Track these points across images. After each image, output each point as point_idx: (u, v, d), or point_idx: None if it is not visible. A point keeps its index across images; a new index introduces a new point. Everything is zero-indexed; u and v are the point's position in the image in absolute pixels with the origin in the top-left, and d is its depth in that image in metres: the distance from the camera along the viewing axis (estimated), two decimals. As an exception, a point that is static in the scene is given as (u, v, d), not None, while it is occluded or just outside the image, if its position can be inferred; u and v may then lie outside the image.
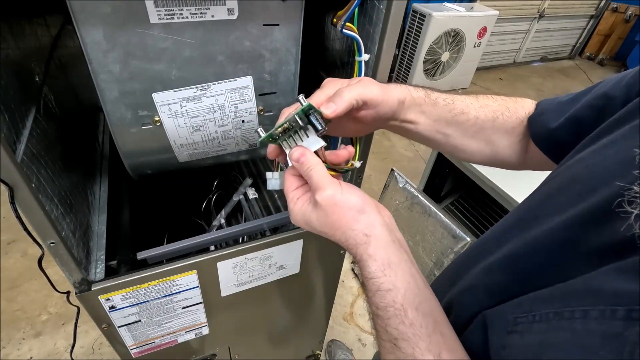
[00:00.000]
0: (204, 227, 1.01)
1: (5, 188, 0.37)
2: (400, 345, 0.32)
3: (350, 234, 0.36)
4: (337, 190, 0.36)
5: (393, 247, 0.36)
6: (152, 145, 0.55)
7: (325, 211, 0.36)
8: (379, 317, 0.34)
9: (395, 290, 0.33)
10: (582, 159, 0.33)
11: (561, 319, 0.25)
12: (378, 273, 0.34)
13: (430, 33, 2.72)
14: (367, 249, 0.35)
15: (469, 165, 1.20)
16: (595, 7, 3.98)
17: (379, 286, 0.34)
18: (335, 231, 0.37)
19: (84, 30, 0.42)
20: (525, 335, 0.27)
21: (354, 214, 0.36)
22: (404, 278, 0.34)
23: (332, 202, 0.36)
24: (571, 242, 0.29)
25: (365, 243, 0.35)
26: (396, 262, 0.35)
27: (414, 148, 2.54)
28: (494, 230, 0.40)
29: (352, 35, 0.45)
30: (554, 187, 0.35)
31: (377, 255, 0.35)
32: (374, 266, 0.34)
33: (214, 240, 0.64)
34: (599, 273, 0.25)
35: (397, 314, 0.33)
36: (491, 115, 0.45)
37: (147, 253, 0.58)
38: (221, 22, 0.46)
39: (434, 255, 1.21)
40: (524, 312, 0.28)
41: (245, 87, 0.53)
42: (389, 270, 0.34)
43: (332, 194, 0.36)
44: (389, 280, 0.34)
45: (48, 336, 1.37)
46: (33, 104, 0.51)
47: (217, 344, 0.80)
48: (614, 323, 0.22)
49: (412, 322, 0.32)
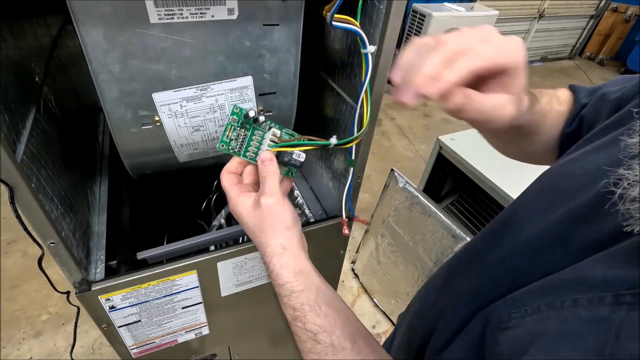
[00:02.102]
0: (204, 227, 1.01)
1: (5, 188, 0.37)
2: (319, 339, 0.36)
3: (272, 242, 0.41)
4: (279, 202, 0.41)
5: (304, 262, 0.41)
6: (152, 145, 0.55)
7: (262, 214, 0.41)
8: (298, 318, 0.37)
9: (307, 290, 0.38)
10: (573, 160, 0.34)
11: (552, 309, 0.25)
12: (290, 278, 0.39)
13: (430, 33, 2.72)
14: (281, 259, 0.40)
15: (469, 165, 1.20)
16: (595, 7, 3.98)
17: (293, 288, 0.38)
18: (262, 234, 0.41)
19: (84, 30, 0.42)
20: (517, 329, 0.27)
21: (282, 227, 0.41)
22: (314, 282, 0.39)
23: (271, 209, 0.41)
24: (561, 238, 0.29)
25: (281, 254, 0.40)
26: (307, 271, 0.40)
27: (414, 148, 2.55)
28: (485, 231, 0.40)
29: (350, 28, 0.43)
30: (545, 187, 0.36)
31: (290, 265, 0.40)
32: (286, 273, 0.39)
33: (214, 240, 0.64)
34: (587, 263, 0.26)
35: (312, 309, 0.37)
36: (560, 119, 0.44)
37: (147, 253, 0.58)
38: (221, 22, 0.46)
39: (434, 255, 1.21)
40: (517, 308, 0.28)
41: (245, 87, 0.53)
42: (300, 275, 0.39)
43: (273, 203, 0.41)
44: (302, 282, 0.38)
45: (48, 336, 1.37)
46: (33, 104, 0.51)
47: (217, 344, 0.80)
48: (602, 308, 0.22)
49: (326, 314, 0.37)
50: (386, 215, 1.36)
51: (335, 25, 0.42)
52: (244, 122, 0.46)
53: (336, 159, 0.68)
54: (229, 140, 0.46)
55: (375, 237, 1.45)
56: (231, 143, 0.46)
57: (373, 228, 1.46)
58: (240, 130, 0.46)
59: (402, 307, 1.41)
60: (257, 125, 0.47)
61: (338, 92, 0.61)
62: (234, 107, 0.46)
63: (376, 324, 1.53)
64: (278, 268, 0.40)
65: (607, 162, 0.28)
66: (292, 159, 0.45)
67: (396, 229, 1.34)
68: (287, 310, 0.39)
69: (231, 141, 0.46)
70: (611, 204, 0.26)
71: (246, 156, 0.46)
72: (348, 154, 0.53)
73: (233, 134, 0.46)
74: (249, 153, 0.46)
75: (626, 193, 0.25)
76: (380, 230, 1.42)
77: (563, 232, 0.29)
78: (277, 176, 0.43)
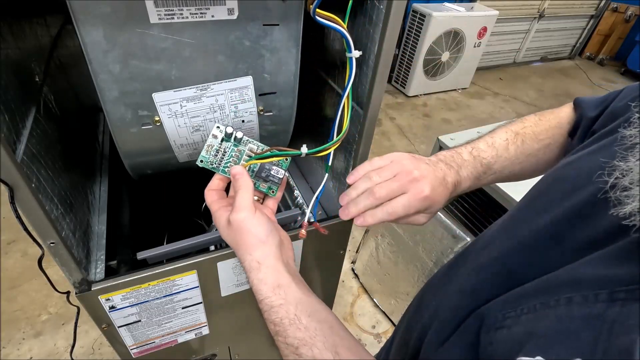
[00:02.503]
0: (204, 227, 1.01)
1: (5, 188, 0.37)
2: (300, 352, 0.35)
3: (246, 257, 0.40)
4: (248, 215, 0.40)
5: (283, 274, 0.40)
6: (152, 145, 0.55)
7: (233, 230, 0.41)
8: (278, 333, 0.37)
9: (286, 304, 0.37)
10: (570, 162, 0.34)
11: (546, 308, 0.25)
12: (269, 293, 0.38)
13: (430, 33, 2.72)
14: (258, 274, 0.39)
15: (469, 165, 1.20)
16: (595, 7, 3.98)
17: (272, 303, 0.38)
18: (237, 250, 0.41)
19: (84, 30, 0.42)
20: (512, 328, 0.27)
21: (255, 242, 0.40)
22: (294, 295, 0.38)
23: (240, 225, 0.40)
24: (557, 237, 0.29)
25: (257, 269, 0.39)
26: (286, 284, 0.39)
27: (414, 148, 2.55)
28: (485, 233, 0.40)
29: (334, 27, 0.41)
30: (542, 188, 0.36)
31: (267, 279, 0.39)
32: (264, 288, 0.39)
33: (214, 240, 0.64)
34: (583, 262, 0.26)
35: (292, 322, 0.36)
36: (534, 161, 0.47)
37: (147, 253, 0.58)
38: (221, 22, 0.46)
39: (434, 255, 1.21)
40: (513, 308, 0.28)
41: (245, 87, 0.53)
42: (279, 289, 0.38)
43: (242, 218, 0.40)
44: (280, 297, 0.38)
45: (48, 336, 1.37)
46: (33, 104, 0.51)
47: (217, 344, 0.80)
48: (596, 306, 0.23)
49: (306, 327, 0.36)
50: (386, 215, 1.37)
51: (318, 21, 0.41)
52: (224, 138, 0.47)
53: (336, 159, 0.68)
54: (208, 156, 0.46)
55: (375, 237, 1.45)
56: (210, 159, 0.46)
57: (373, 228, 1.46)
58: (220, 146, 0.46)
59: (402, 307, 1.41)
60: (236, 142, 0.47)
61: (338, 92, 0.61)
62: (216, 125, 0.47)
63: (376, 324, 1.53)
64: (256, 284, 0.39)
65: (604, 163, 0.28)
66: (271, 174, 0.45)
67: (396, 229, 1.34)
68: (269, 325, 0.39)
69: (210, 157, 0.46)
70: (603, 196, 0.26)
71: (225, 172, 0.46)
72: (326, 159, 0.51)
73: (212, 150, 0.46)
74: (228, 169, 0.46)
75: (618, 183, 0.25)
76: (380, 230, 1.42)
77: (558, 231, 0.29)
78: (248, 190, 0.42)
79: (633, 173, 0.24)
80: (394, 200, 0.41)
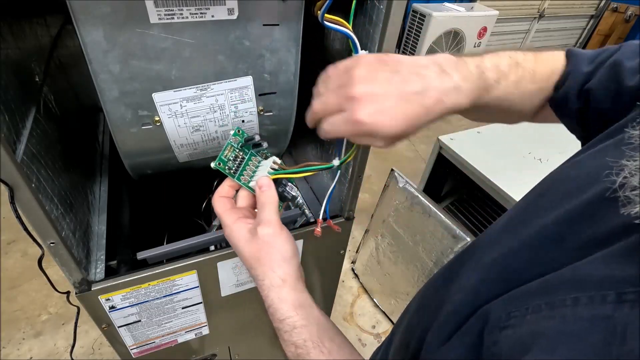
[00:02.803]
0: (204, 227, 1.01)
1: (5, 188, 0.37)
2: None
3: (269, 274, 0.39)
4: (277, 231, 0.39)
5: (305, 295, 0.39)
6: (152, 145, 0.55)
7: (259, 245, 0.39)
8: (300, 355, 0.36)
9: (309, 325, 0.36)
10: (578, 162, 0.34)
11: (552, 308, 0.25)
12: (291, 312, 0.37)
13: (430, 33, 2.72)
14: (280, 293, 0.38)
15: (469, 165, 1.20)
16: (595, 7, 3.98)
17: (294, 324, 0.37)
18: (259, 266, 0.39)
19: (84, 30, 0.42)
20: (517, 328, 0.27)
21: (280, 259, 0.39)
22: (315, 316, 0.37)
23: (268, 240, 0.39)
24: (560, 236, 0.29)
25: (279, 287, 0.38)
26: (307, 305, 0.38)
27: (414, 148, 2.55)
28: (487, 232, 0.40)
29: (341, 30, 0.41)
30: (545, 187, 0.35)
31: (289, 298, 0.38)
32: (286, 307, 0.37)
33: (214, 240, 0.64)
34: (587, 262, 0.26)
35: (316, 346, 0.35)
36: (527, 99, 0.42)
37: (147, 253, 0.58)
38: (221, 22, 0.46)
39: (434, 255, 1.21)
40: (517, 307, 0.28)
41: (245, 87, 0.53)
42: (301, 309, 0.37)
43: (272, 233, 0.39)
44: (303, 318, 0.37)
45: (48, 336, 1.37)
46: (33, 104, 0.51)
47: (217, 344, 0.80)
48: (604, 307, 0.22)
49: (330, 350, 0.35)
50: (386, 215, 1.36)
51: (327, 25, 0.41)
52: (243, 145, 0.46)
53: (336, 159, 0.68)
54: (227, 160, 0.44)
55: (375, 237, 1.45)
56: (228, 163, 0.44)
57: (373, 228, 1.46)
58: (239, 152, 0.45)
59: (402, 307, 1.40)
60: (255, 151, 0.46)
61: (338, 92, 0.61)
62: (236, 128, 0.46)
63: (376, 324, 1.53)
64: (277, 302, 0.38)
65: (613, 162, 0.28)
66: (285, 190, 0.44)
67: (396, 229, 1.34)
68: (288, 347, 0.37)
69: (228, 161, 0.44)
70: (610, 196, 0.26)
71: (240, 179, 0.45)
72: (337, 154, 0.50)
73: (231, 154, 0.45)
74: (243, 177, 0.45)
75: (627, 182, 0.24)
76: (380, 230, 1.42)
77: (562, 231, 0.29)
78: (275, 204, 0.41)
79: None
80: (329, 119, 0.35)
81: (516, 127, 0.50)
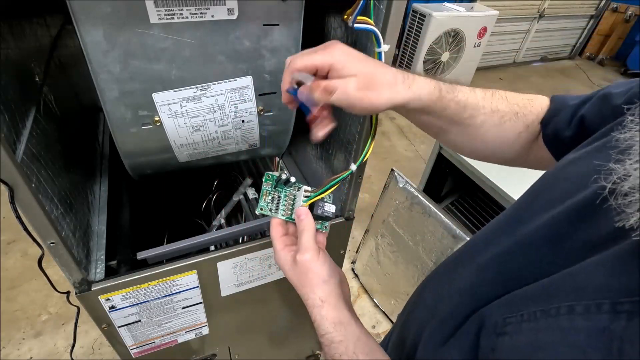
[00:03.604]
0: (204, 227, 1.01)
1: (5, 188, 0.37)
2: None
3: (310, 296, 0.43)
4: (314, 257, 0.44)
5: (344, 312, 0.42)
6: (152, 145, 0.55)
7: (299, 270, 0.44)
8: None
9: (346, 341, 0.40)
10: (572, 161, 0.34)
11: (548, 316, 0.25)
12: (330, 329, 0.41)
13: (430, 33, 2.72)
14: (321, 311, 0.42)
15: (469, 165, 1.20)
16: (595, 7, 3.97)
17: (332, 339, 0.40)
18: (301, 288, 0.44)
19: (84, 30, 0.42)
20: (514, 336, 0.27)
21: (319, 281, 0.43)
22: (353, 332, 0.41)
23: (306, 265, 0.43)
24: (555, 237, 0.29)
25: (320, 306, 0.42)
26: (346, 322, 0.41)
27: (414, 148, 2.55)
28: (483, 231, 0.40)
29: (368, 29, 0.43)
30: (542, 187, 0.36)
31: (329, 315, 0.42)
32: (326, 324, 0.41)
33: (214, 240, 0.64)
34: (582, 267, 0.25)
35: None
36: (498, 121, 0.45)
37: (147, 253, 0.58)
38: (221, 22, 0.46)
39: (434, 255, 1.21)
40: (513, 312, 0.28)
41: (245, 87, 0.53)
42: (340, 326, 0.41)
43: (309, 259, 0.43)
44: (341, 334, 0.40)
45: (48, 336, 1.37)
46: (33, 104, 0.51)
47: (217, 344, 0.80)
48: (600, 317, 0.22)
49: None
50: (386, 215, 1.36)
51: (358, 28, 0.42)
52: (276, 185, 0.51)
53: (336, 159, 0.68)
54: (266, 204, 0.50)
55: (375, 237, 1.45)
56: (268, 206, 0.50)
57: (373, 228, 1.46)
58: (274, 193, 0.51)
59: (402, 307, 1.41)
60: (288, 187, 0.52)
61: (338, 92, 0.61)
62: (265, 174, 0.51)
63: (376, 324, 1.53)
64: (318, 319, 0.42)
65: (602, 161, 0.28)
66: (325, 211, 0.48)
67: (396, 229, 1.34)
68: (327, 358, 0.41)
69: (268, 204, 0.50)
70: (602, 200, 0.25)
71: (283, 215, 0.50)
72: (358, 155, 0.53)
73: (268, 198, 0.50)
74: (284, 212, 0.50)
75: (617, 188, 0.24)
76: (380, 230, 1.42)
77: (558, 232, 0.29)
78: (311, 230, 0.45)
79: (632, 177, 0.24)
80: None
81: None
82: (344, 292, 0.46)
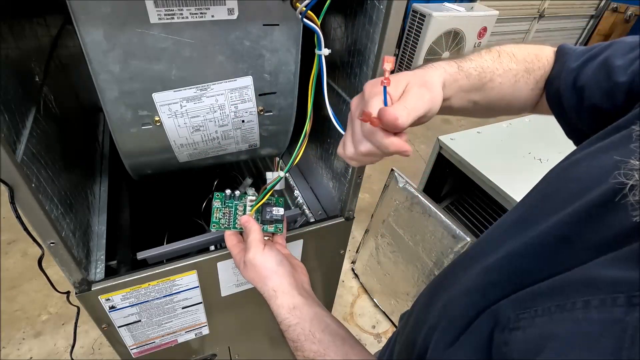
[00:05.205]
0: (204, 227, 1.01)
1: (5, 188, 0.37)
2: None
3: (264, 289, 0.46)
4: (258, 252, 0.47)
5: (297, 298, 0.45)
6: (152, 145, 0.55)
7: (249, 267, 0.47)
8: (297, 348, 0.42)
9: (302, 322, 0.42)
10: (578, 161, 0.34)
11: (563, 310, 0.25)
12: (286, 314, 0.43)
13: (430, 33, 2.72)
14: (276, 301, 0.45)
15: (469, 165, 1.20)
16: (595, 7, 3.97)
17: (289, 323, 0.43)
18: (256, 284, 0.47)
19: (84, 30, 0.42)
20: (527, 330, 0.27)
21: (268, 273, 0.46)
22: (307, 313, 0.43)
23: (253, 262, 0.47)
24: (567, 238, 0.29)
25: (274, 297, 0.45)
26: (300, 305, 0.44)
27: (414, 148, 2.55)
28: (491, 231, 0.40)
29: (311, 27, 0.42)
30: (551, 188, 0.35)
31: (284, 303, 0.44)
32: (282, 311, 0.44)
33: (214, 240, 0.64)
34: (596, 264, 0.25)
35: (307, 338, 0.41)
36: (513, 80, 0.46)
37: (147, 253, 0.58)
38: (221, 22, 0.46)
39: (434, 255, 1.21)
40: (526, 308, 0.28)
41: (245, 87, 0.53)
42: (294, 310, 0.44)
43: (252, 256, 0.47)
44: (296, 317, 0.43)
45: (48, 336, 1.37)
46: (33, 104, 0.51)
47: (217, 344, 0.80)
48: (615, 310, 0.22)
49: (320, 340, 0.41)
50: (386, 215, 1.36)
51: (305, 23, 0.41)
52: (227, 201, 0.54)
53: (336, 159, 0.68)
54: (218, 220, 0.52)
55: (375, 237, 1.45)
56: (220, 221, 0.53)
57: (373, 228, 1.46)
58: (225, 209, 0.54)
59: (402, 307, 1.41)
60: (237, 200, 0.55)
61: (338, 92, 0.61)
62: (214, 194, 0.54)
63: (376, 324, 1.53)
64: (275, 309, 0.45)
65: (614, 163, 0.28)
66: (273, 215, 0.52)
67: (396, 229, 1.34)
68: (290, 343, 0.43)
69: (220, 220, 0.53)
70: (622, 196, 0.25)
71: (236, 227, 0.52)
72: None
73: (219, 214, 0.53)
74: (238, 224, 0.53)
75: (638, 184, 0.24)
76: (380, 230, 1.42)
77: (570, 232, 0.29)
78: (255, 231, 0.48)
79: None
80: None
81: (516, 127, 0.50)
82: (298, 278, 0.48)
